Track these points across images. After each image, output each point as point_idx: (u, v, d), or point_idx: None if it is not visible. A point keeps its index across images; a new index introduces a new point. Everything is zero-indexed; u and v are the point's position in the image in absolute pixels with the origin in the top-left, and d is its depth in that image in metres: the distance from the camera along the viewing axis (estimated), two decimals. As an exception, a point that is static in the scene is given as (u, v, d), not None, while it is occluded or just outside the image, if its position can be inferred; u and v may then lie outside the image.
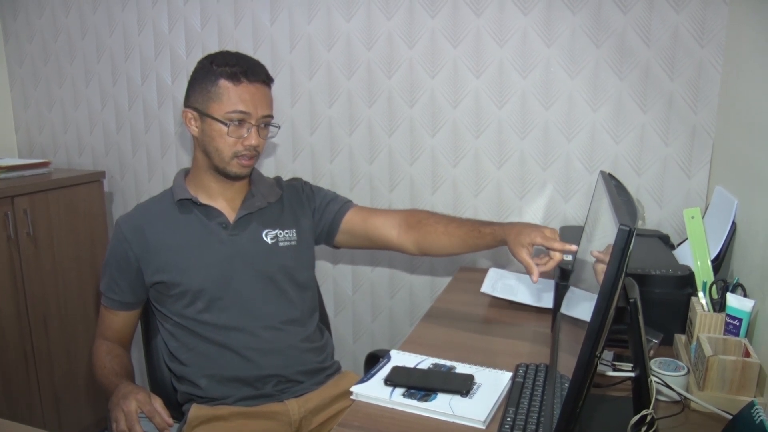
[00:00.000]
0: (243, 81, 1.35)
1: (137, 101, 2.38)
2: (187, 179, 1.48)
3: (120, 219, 1.46)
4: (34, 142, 2.62)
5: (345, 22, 2.01)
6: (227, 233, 1.43)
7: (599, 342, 0.77)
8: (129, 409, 1.22)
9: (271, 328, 1.43)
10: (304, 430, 1.42)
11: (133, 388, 1.28)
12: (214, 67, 1.36)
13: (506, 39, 1.85)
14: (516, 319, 1.55)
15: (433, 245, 1.49)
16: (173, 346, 1.45)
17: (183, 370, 1.44)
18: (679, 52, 1.70)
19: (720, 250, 1.41)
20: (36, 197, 2.16)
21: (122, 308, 1.46)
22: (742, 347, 1.13)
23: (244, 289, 1.42)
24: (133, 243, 1.41)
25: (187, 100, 1.41)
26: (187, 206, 1.45)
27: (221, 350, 1.41)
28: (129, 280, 1.43)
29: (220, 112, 1.35)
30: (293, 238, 1.50)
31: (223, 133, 1.35)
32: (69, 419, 2.32)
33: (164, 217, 1.44)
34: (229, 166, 1.39)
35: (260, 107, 1.37)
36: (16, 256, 2.11)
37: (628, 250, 0.72)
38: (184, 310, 1.41)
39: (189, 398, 1.44)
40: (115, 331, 1.48)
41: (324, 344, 1.54)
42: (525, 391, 1.13)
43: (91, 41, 2.41)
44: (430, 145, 2.00)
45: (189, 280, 1.40)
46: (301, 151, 2.16)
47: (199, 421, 1.37)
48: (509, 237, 1.34)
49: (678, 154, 1.76)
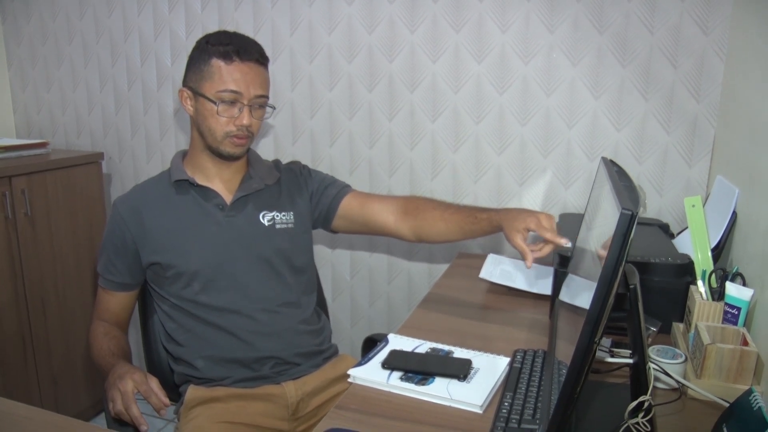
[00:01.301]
0: (235, 60, 1.34)
1: (136, 83, 2.37)
2: (185, 160, 1.47)
3: (117, 200, 1.46)
4: (32, 122, 2.61)
5: (346, 6, 2.00)
6: (224, 214, 1.43)
7: (599, 327, 0.76)
8: (125, 389, 1.22)
9: (268, 310, 1.43)
10: (301, 412, 1.43)
11: (129, 368, 1.28)
12: (208, 47, 1.36)
13: (508, 24, 1.84)
14: (514, 305, 1.55)
15: (429, 231, 1.49)
16: (170, 327, 1.45)
17: (180, 351, 1.44)
18: (682, 40, 1.69)
19: (720, 239, 1.41)
20: (34, 177, 2.15)
21: (119, 289, 1.46)
22: (740, 336, 1.13)
23: (239, 272, 1.42)
24: (130, 224, 1.41)
25: (184, 79, 1.41)
26: (184, 187, 1.44)
27: (218, 332, 1.40)
28: (126, 261, 1.43)
29: (212, 91, 1.34)
30: (290, 221, 1.49)
31: (214, 112, 1.34)
32: (66, 402, 2.32)
33: (161, 199, 1.44)
34: (221, 145, 1.38)
35: (252, 87, 1.35)
36: (14, 236, 2.10)
37: (630, 234, 0.72)
38: (181, 291, 1.41)
39: (186, 379, 1.44)
40: (112, 312, 1.47)
41: (321, 327, 1.54)
42: (522, 377, 1.13)
43: (89, 21, 2.39)
44: (431, 130, 1.99)
45: (185, 262, 1.39)
46: (301, 135, 2.15)
47: (196, 402, 1.37)
48: (505, 222, 1.35)
49: (679, 142, 1.76)
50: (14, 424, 1.06)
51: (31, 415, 1.09)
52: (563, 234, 1.33)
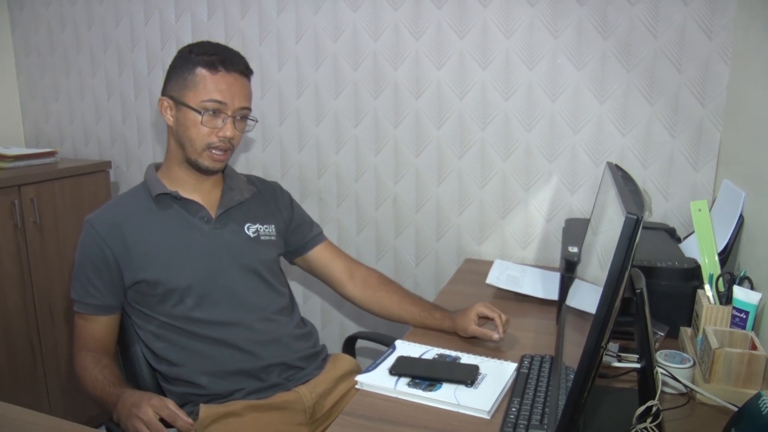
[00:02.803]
0: (221, 70, 1.32)
1: (143, 92, 2.38)
2: (160, 173, 1.43)
3: (90, 218, 1.37)
4: (40, 132, 2.63)
5: (351, 13, 2.01)
6: (210, 227, 1.40)
7: (605, 331, 0.76)
8: (149, 419, 1.16)
9: (265, 319, 1.41)
10: (317, 414, 1.40)
11: (141, 395, 1.22)
12: (192, 56, 1.33)
13: (513, 30, 1.85)
14: (521, 311, 1.55)
15: (381, 310, 1.55)
16: (159, 347, 1.38)
17: (175, 371, 1.37)
18: (687, 45, 1.69)
19: (727, 243, 1.40)
20: (42, 186, 2.17)
21: (102, 312, 1.37)
22: (748, 340, 1.13)
23: (232, 284, 1.39)
24: (110, 241, 1.33)
25: (164, 88, 1.38)
26: (166, 201, 1.39)
27: (217, 346, 1.36)
28: (108, 281, 1.35)
29: (196, 100, 1.31)
30: (272, 233, 1.49)
31: (197, 122, 1.31)
32: (75, 408, 2.33)
33: (141, 214, 1.38)
34: (200, 158, 1.35)
35: (237, 98, 1.34)
36: (23, 244, 2.12)
37: (636, 238, 0.72)
38: (172, 309, 1.35)
39: (187, 399, 1.38)
40: (96, 340, 1.38)
41: (310, 331, 1.54)
42: (530, 382, 1.13)
43: (97, 32, 2.41)
44: (436, 136, 1.99)
45: (175, 278, 1.34)
46: (307, 142, 2.16)
47: (212, 420, 1.30)
48: (457, 325, 1.39)
49: (685, 146, 1.75)
50: (22, 430, 1.06)
51: (39, 421, 1.09)
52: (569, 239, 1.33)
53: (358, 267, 1.60)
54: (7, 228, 2.07)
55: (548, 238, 1.94)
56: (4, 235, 2.06)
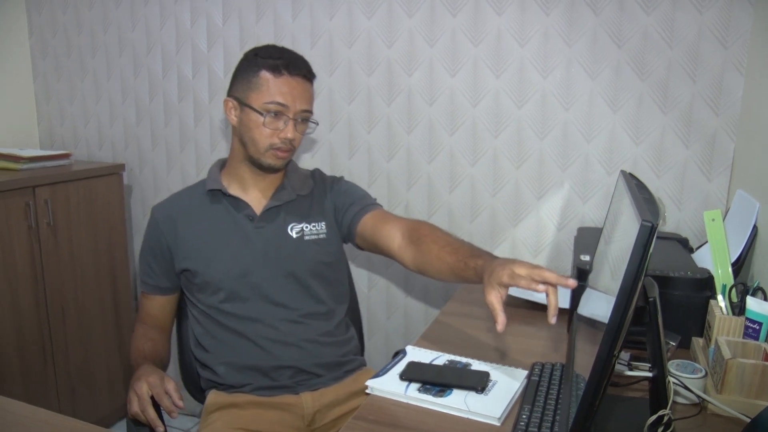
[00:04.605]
0: (284, 73, 1.36)
1: (158, 95, 2.40)
2: (223, 170, 1.51)
3: (155, 207, 1.51)
4: (55, 134, 2.65)
5: (366, 20, 2.02)
6: (253, 225, 1.45)
7: (618, 340, 0.76)
8: (141, 392, 1.25)
9: (291, 321, 1.43)
10: (317, 424, 1.43)
11: (147, 371, 1.30)
12: (257, 59, 1.38)
13: (527, 39, 1.85)
14: (532, 319, 1.54)
15: (427, 267, 1.37)
16: (198, 332, 1.48)
17: (205, 356, 1.46)
18: (702, 54, 1.69)
19: (740, 253, 1.40)
20: (57, 188, 2.19)
21: (157, 292, 1.50)
22: (762, 351, 1.12)
23: (263, 283, 1.43)
24: (165, 231, 1.46)
25: (230, 89, 1.44)
26: (217, 197, 1.47)
27: (239, 339, 1.42)
28: (162, 265, 1.47)
29: (259, 102, 1.36)
30: (322, 230, 1.49)
31: (260, 123, 1.37)
32: (85, 408, 2.34)
33: (195, 207, 1.48)
34: (263, 157, 1.40)
35: (299, 101, 1.38)
36: (37, 245, 2.13)
37: (650, 246, 0.72)
38: (208, 298, 1.44)
39: (211, 385, 1.47)
40: (152, 316, 1.51)
41: (348, 338, 1.53)
42: (541, 390, 1.13)
43: (113, 35, 2.43)
44: (449, 143, 2.00)
45: (211, 272, 1.42)
46: (320, 148, 2.17)
47: (216, 407, 1.40)
48: (484, 276, 1.18)
49: (698, 156, 1.75)
50: (32, 428, 1.07)
51: (49, 419, 1.10)
52: (581, 248, 1.32)
53: (401, 225, 1.43)
54: (21, 229, 2.09)
55: (560, 247, 1.94)
56: (18, 235, 2.08)
